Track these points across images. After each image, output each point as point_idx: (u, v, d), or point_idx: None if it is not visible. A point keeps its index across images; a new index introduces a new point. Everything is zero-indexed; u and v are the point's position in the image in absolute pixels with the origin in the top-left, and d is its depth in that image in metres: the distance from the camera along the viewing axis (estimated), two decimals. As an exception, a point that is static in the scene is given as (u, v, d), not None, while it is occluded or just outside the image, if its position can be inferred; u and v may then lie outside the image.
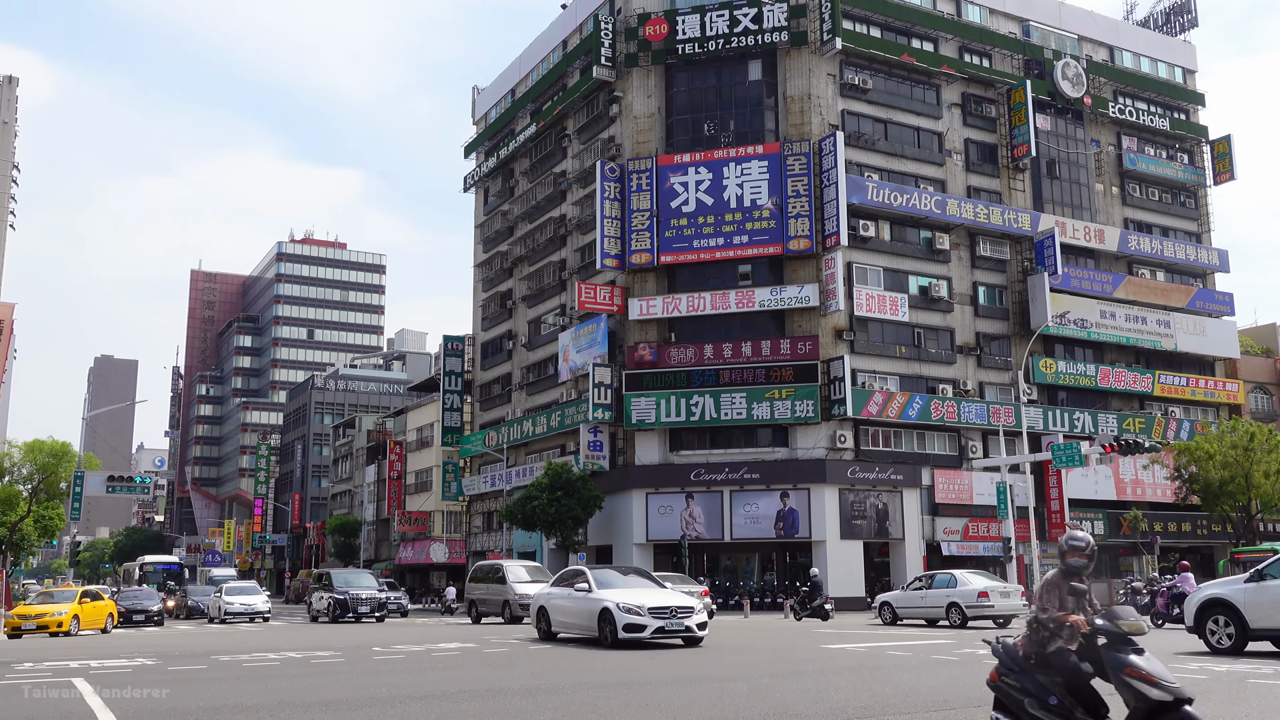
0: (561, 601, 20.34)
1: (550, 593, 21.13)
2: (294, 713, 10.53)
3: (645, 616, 17.95)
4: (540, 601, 21.14)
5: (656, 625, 17.92)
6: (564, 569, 21.17)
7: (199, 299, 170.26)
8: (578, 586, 19.80)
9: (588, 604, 19.22)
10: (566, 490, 46.73)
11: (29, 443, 52.74)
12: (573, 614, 19.85)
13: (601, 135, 54.28)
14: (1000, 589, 27.56)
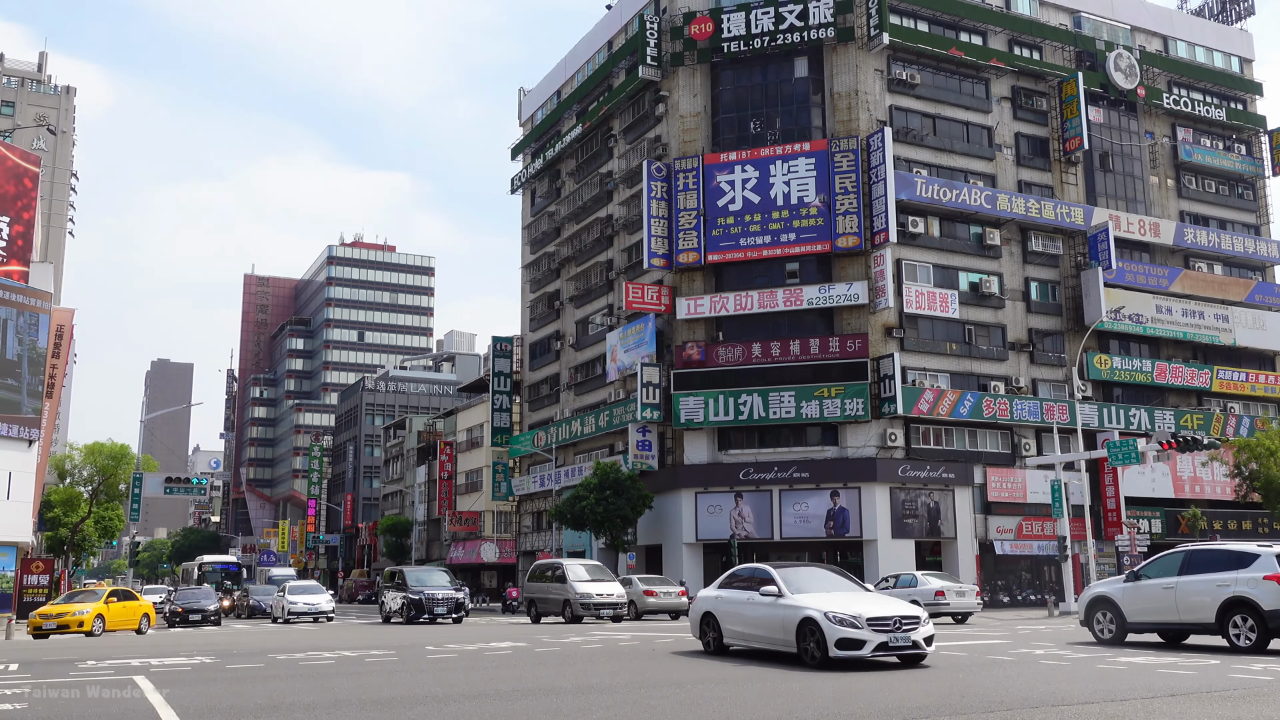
0: (739, 608, 16.36)
1: (720, 596, 17.07)
2: (350, 711, 10.64)
3: (864, 629, 14.08)
4: (706, 606, 17.28)
5: (878, 640, 14.04)
6: (738, 567, 17.32)
7: (252, 303, 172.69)
8: (764, 590, 15.72)
9: (780, 612, 15.24)
10: (615, 490, 46.80)
11: (89, 445, 53.74)
12: (757, 623, 15.86)
13: (647, 135, 54.30)
14: (955, 589, 30.45)
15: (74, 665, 16.79)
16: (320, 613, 37.72)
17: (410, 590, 32.50)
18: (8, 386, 40.47)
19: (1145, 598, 18.01)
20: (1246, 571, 16.76)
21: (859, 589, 16.32)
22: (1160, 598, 17.73)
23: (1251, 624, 16.30)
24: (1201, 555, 17.84)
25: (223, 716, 10.42)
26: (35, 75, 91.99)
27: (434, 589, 32.63)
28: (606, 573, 33.56)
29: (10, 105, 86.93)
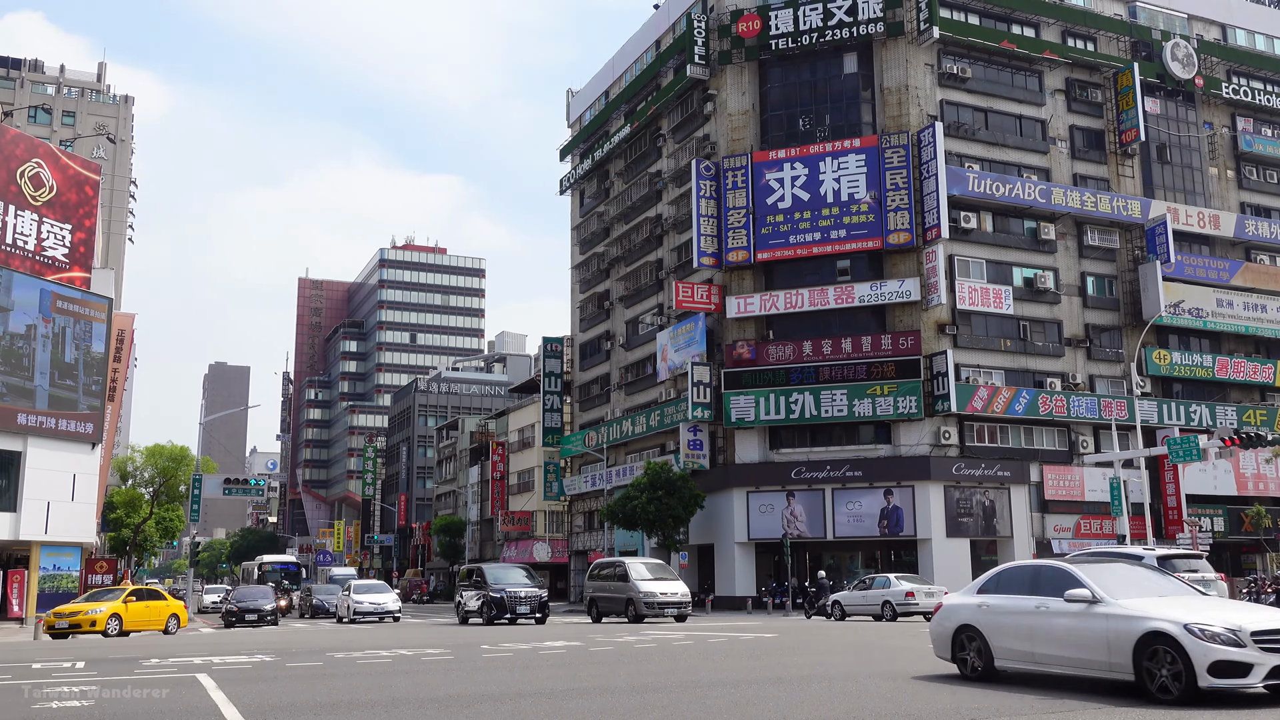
0: (1024, 619, 11.98)
1: (986, 605, 12.63)
2: (408, 709, 10.74)
3: (1249, 648, 9.96)
4: (963, 617, 12.86)
5: (1271, 664, 9.89)
6: (1008, 565, 13.19)
7: (306, 306, 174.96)
8: (1072, 595, 11.41)
9: (1098, 624, 11.05)
10: (667, 489, 46.78)
11: (150, 447, 54.88)
12: (1057, 640, 11.52)
13: (696, 134, 54.23)
14: (925, 590, 31.65)
15: (138, 663, 17.12)
16: (386, 612, 36.85)
17: (490, 588, 30.78)
18: (65, 387, 41.42)
19: None
20: None
21: (1193, 591, 12.08)
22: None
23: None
24: (1102, 558, 17.07)
25: (284, 714, 10.56)
26: (95, 85, 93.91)
27: (515, 586, 30.90)
28: (669, 571, 33.03)
29: (71, 115, 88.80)
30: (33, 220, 41.16)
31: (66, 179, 42.81)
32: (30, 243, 40.98)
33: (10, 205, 40.18)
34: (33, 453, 39.91)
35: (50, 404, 40.55)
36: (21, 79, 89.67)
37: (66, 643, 26.45)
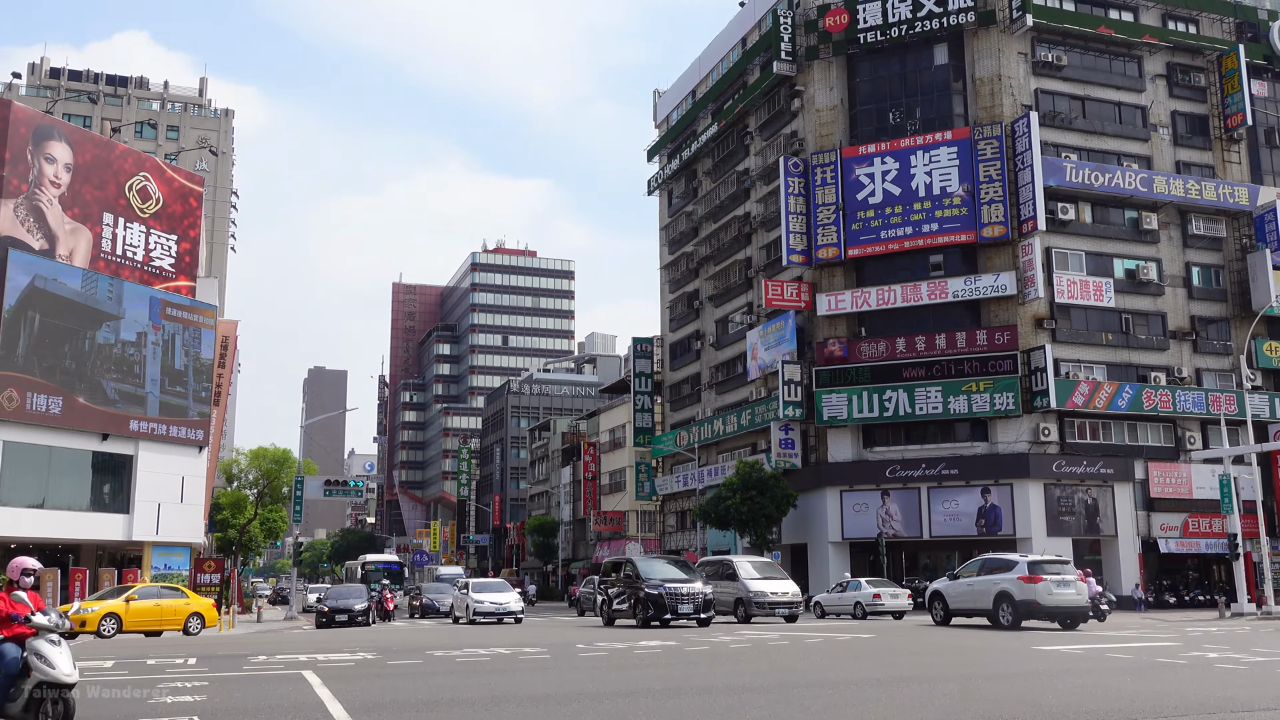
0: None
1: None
2: (508, 707, 10.87)
3: None
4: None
5: None
6: None
7: (400, 310, 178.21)
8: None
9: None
10: (759, 489, 46.55)
11: (254, 450, 56.44)
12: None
13: (784, 131, 53.87)
14: (890, 592, 33.85)
15: (246, 660, 17.64)
16: (508, 613, 34.10)
17: (645, 584, 26.85)
18: (176, 394, 42.82)
19: (959, 592, 25.70)
20: (1010, 574, 24.13)
21: None
22: (966, 592, 25.42)
23: (1011, 609, 23.76)
24: (991, 561, 25.72)
25: (387, 711, 10.77)
26: (196, 100, 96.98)
27: (675, 582, 26.99)
28: (779, 570, 32.39)
29: (175, 130, 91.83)
30: (141, 232, 42.64)
31: (172, 191, 44.25)
32: (139, 254, 42.46)
33: (119, 218, 41.70)
34: (144, 456, 41.37)
35: (161, 410, 41.97)
36: (128, 96, 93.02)
37: (165, 641, 27.30)
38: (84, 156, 40.77)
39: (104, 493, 40.73)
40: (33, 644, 9.34)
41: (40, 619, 9.46)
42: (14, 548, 39.43)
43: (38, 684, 9.22)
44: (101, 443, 39.99)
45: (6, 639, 9.42)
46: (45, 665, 9.22)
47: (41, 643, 9.37)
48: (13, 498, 37.15)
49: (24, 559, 9.96)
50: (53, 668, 9.23)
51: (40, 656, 9.25)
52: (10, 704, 9.25)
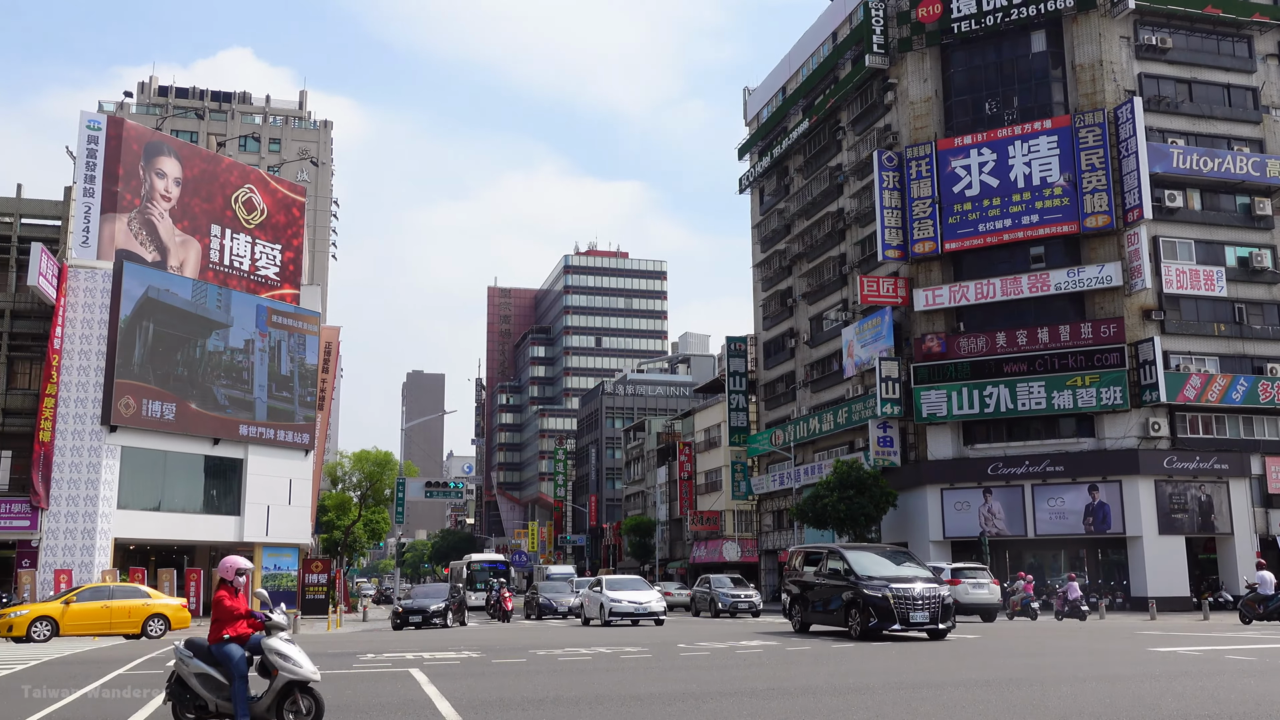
0: None
1: None
2: (612, 706, 10.92)
3: None
4: None
5: None
6: None
7: (496, 313, 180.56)
8: None
9: None
10: (858, 488, 45.99)
11: (357, 453, 57.76)
12: None
13: (877, 124, 53.18)
14: None
15: (355, 658, 18.05)
16: (648, 613, 30.09)
17: (862, 584, 21.07)
18: (282, 399, 44.05)
19: None
20: None
21: None
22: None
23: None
24: None
25: (493, 709, 10.92)
26: (297, 113, 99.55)
27: (902, 582, 21.02)
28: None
29: (277, 142, 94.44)
30: (247, 242, 43.96)
31: (275, 202, 45.52)
32: (245, 263, 43.78)
33: (227, 229, 43.05)
34: (253, 460, 42.66)
35: (268, 414, 43.23)
36: (232, 111, 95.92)
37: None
38: (192, 170, 42.18)
39: (216, 495, 42.08)
40: (270, 643, 9.33)
41: (278, 617, 9.48)
42: (133, 548, 41.02)
43: (287, 683, 9.24)
44: (213, 447, 41.34)
45: (231, 639, 9.44)
46: (291, 665, 9.24)
47: (278, 641, 9.36)
48: (132, 501, 38.62)
49: (236, 558, 9.89)
50: (299, 666, 9.27)
51: (283, 656, 9.26)
52: (256, 703, 9.31)
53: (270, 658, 9.30)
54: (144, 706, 11.84)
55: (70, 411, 37.45)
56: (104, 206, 38.97)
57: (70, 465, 37.23)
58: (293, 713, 9.32)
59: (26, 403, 37.59)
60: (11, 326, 37.98)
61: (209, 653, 9.49)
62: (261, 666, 9.46)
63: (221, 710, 9.38)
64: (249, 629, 9.56)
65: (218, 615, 9.53)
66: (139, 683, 14.30)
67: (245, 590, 9.87)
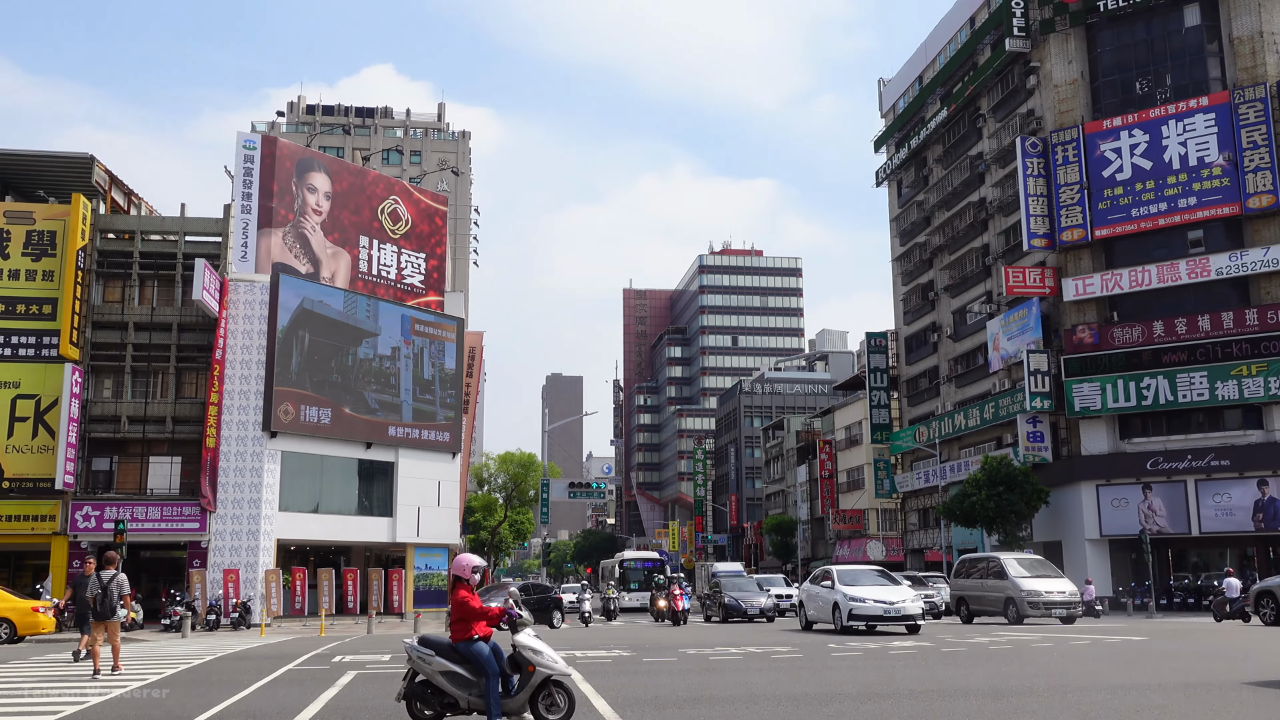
0: None
1: None
2: (768, 706, 10.86)
3: None
4: None
5: None
6: None
7: (631, 315, 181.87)
8: None
9: None
10: (1007, 484, 44.66)
11: (501, 455, 58.99)
12: None
13: (1019, 110, 51.59)
14: None
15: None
16: (903, 616, 23.78)
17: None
18: (425, 401, 45.29)
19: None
20: None
21: None
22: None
23: None
24: None
25: (648, 708, 10.99)
26: (436, 124, 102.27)
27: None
28: (1051, 567, 29.61)
29: (417, 154, 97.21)
30: (393, 252, 45.36)
31: (419, 212, 46.84)
32: (391, 272, 45.17)
33: (374, 240, 44.51)
34: (403, 463, 43.98)
35: (414, 417, 44.51)
36: (375, 125, 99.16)
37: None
38: (341, 184, 43.75)
39: (369, 497, 43.52)
40: (521, 640, 9.45)
41: (526, 614, 9.57)
42: (293, 549, 42.76)
43: (544, 679, 9.37)
44: (365, 451, 42.77)
45: (478, 638, 9.49)
46: (546, 660, 9.36)
47: (528, 638, 9.48)
48: (292, 503, 40.26)
49: (471, 556, 9.92)
50: (555, 662, 9.40)
51: (535, 651, 9.37)
52: (509, 700, 9.40)
53: (524, 653, 9.40)
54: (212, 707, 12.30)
55: (234, 419, 39.27)
56: (260, 222, 40.75)
57: (235, 470, 39.03)
58: (546, 707, 9.39)
59: (194, 411, 39.58)
60: (179, 339, 40.04)
61: (454, 650, 9.54)
62: (512, 661, 9.55)
63: (473, 707, 9.45)
64: (489, 628, 9.62)
65: (462, 614, 9.54)
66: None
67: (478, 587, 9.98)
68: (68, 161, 41.17)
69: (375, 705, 11.65)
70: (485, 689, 9.30)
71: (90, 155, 40.83)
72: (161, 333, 39.97)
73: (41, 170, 41.65)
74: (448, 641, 9.66)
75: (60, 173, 41.32)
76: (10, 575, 39.68)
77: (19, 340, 38.11)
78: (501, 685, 9.41)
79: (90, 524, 37.65)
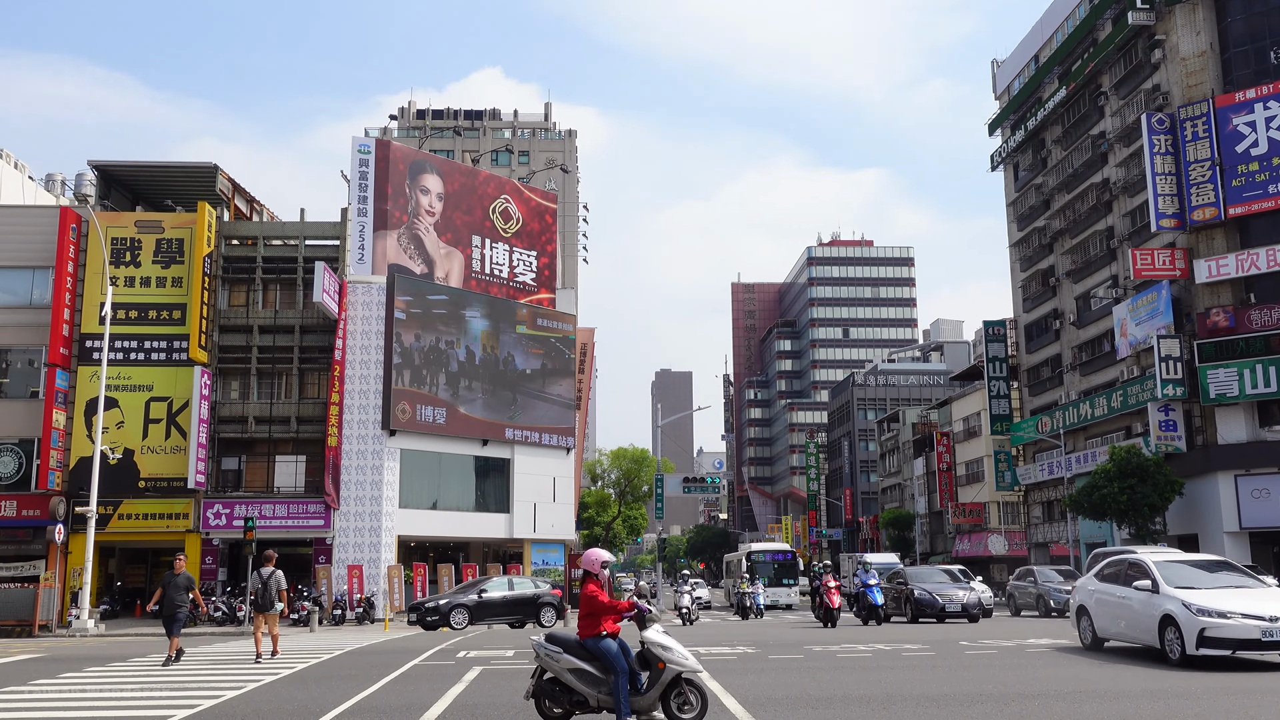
0: None
1: None
2: (906, 706, 10.46)
3: None
4: None
5: None
6: None
7: (740, 309, 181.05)
8: None
9: None
10: (1139, 475, 42.88)
11: (614, 451, 59.11)
12: None
13: (1143, 86, 49.52)
14: None
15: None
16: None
17: None
18: (539, 397, 45.64)
19: None
20: None
21: None
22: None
23: None
24: None
25: (781, 707, 10.69)
26: (543, 124, 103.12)
27: None
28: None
29: (525, 154, 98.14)
30: (505, 250, 45.79)
31: (529, 210, 47.19)
32: (504, 271, 45.61)
33: (486, 239, 44.99)
34: (519, 459, 44.39)
35: (529, 414, 44.87)
36: (483, 128, 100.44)
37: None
38: (453, 185, 44.33)
39: (485, 494, 44.03)
40: (650, 636, 9.25)
41: (655, 609, 9.49)
42: (413, 545, 43.51)
43: (675, 677, 9.17)
44: (482, 448, 43.29)
45: (606, 635, 9.31)
46: (677, 657, 9.14)
47: (657, 634, 9.27)
48: (411, 500, 40.97)
49: (599, 551, 9.81)
50: (685, 659, 9.18)
51: (665, 649, 9.17)
52: (639, 698, 9.20)
53: (654, 650, 9.19)
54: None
55: (354, 417, 40.13)
56: (376, 224, 41.54)
57: (356, 468, 39.89)
58: (679, 706, 9.17)
59: (316, 411, 40.55)
60: (300, 341, 41.06)
61: (581, 647, 9.37)
62: (640, 658, 9.36)
63: (603, 705, 9.28)
64: (616, 624, 9.44)
65: (591, 609, 9.36)
66: None
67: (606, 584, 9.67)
68: (193, 171, 42.60)
69: (502, 702, 11.60)
70: (614, 686, 9.11)
71: (214, 164, 42.15)
72: (284, 335, 41.05)
73: (169, 181, 43.19)
74: (575, 638, 9.50)
75: (186, 182, 42.79)
76: (148, 571, 41.29)
77: (151, 345, 39.55)
78: (630, 683, 9.21)
79: (221, 521, 38.88)
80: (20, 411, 38.63)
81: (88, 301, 39.11)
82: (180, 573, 17.09)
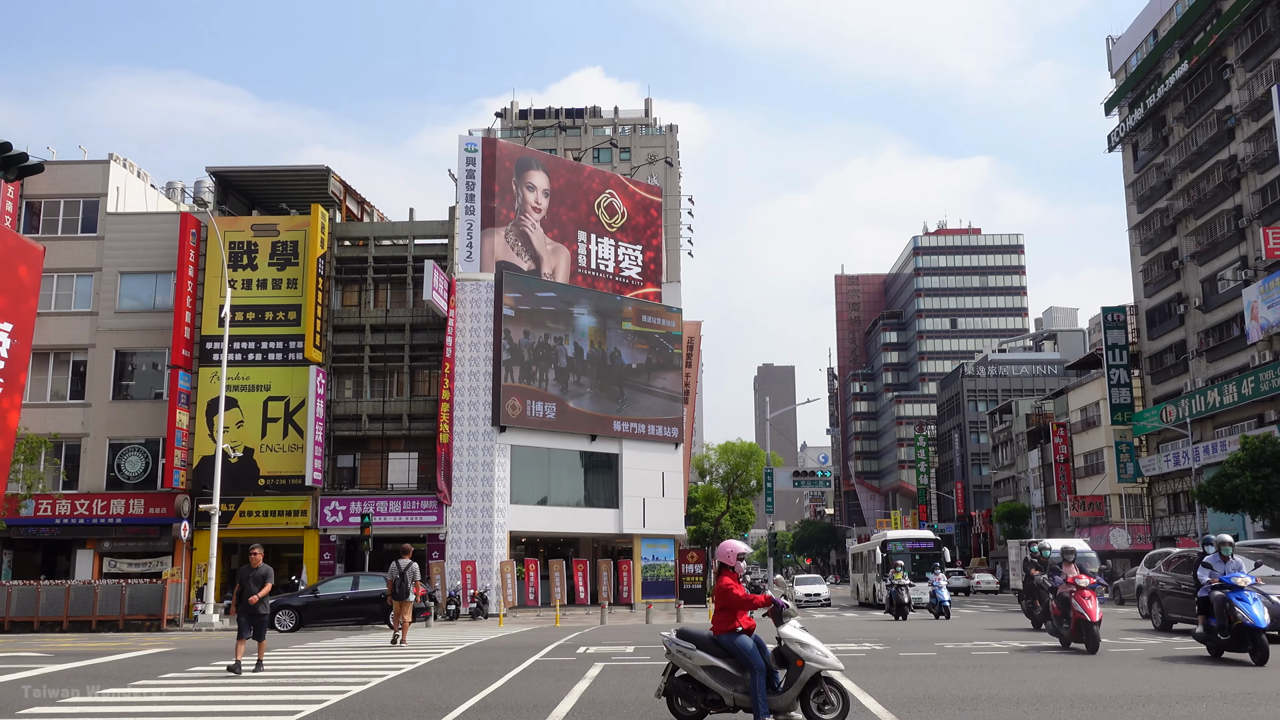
0: None
1: None
2: (1058, 708, 9.88)
3: None
4: None
5: None
6: None
7: (844, 301, 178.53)
8: None
9: None
10: (1275, 466, 40.81)
11: (722, 445, 58.66)
12: None
13: (1273, 57, 47.16)
14: None
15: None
16: None
17: None
18: (646, 391, 45.33)
19: None
20: None
21: None
22: None
23: None
24: None
25: (924, 707, 10.21)
26: (644, 121, 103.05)
27: None
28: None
29: (626, 151, 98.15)
30: (610, 245, 45.69)
31: (634, 204, 47.01)
32: (609, 265, 45.51)
33: (591, 234, 44.95)
34: (627, 455, 44.23)
35: (637, 409, 44.67)
36: (584, 125, 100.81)
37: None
38: (558, 181, 44.39)
39: (594, 489, 43.99)
40: (787, 633, 8.91)
41: (791, 604, 9.00)
42: (524, 541, 43.72)
43: (814, 676, 8.82)
44: (590, 443, 43.24)
45: (741, 630, 8.93)
46: (816, 654, 8.81)
47: (795, 630, 8.95)
48: (521, 495, 41.15)
49: (735, 543, 9.36)
50: (825, 657, 8.85)
51: (804, 645, 8.85)
52: (777, 697, 8.84)
53: (791, 646, 8.83)
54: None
55: (465, 414, 40.46)
56: (483, 222, 41.82)
57: (468, 464, 40.21)
58: (819, 705, 8.79)
59: (427, 408, 40.99)
60: (411, 339, 41.56)
61: (715, 643, 8.99)
62: (777, 655, 9.00)
63: (739, 704, 8.89)
64: (752, 619, 9.05)
65: (726, 603, 8.94)
66: None
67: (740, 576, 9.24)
68: (306, 174, 43.48)
69: (630, 699, 11.32)
70: (751, 685, 8.70)
71: (326, 167, 42.93)
72: (395, 333, 41.61)
73: (282, 184, 44.17)
74: (709, 634, 9.13)
75: (299, 185, 43.69)
76: (269, 567, 42.22)
77: (268, 345, 40.45)
78: (767, 681, 8.81)
79: (338, 518, 39.57)
80: (145, 413, 39.91)
81: (207, 304, 40.20)
82: (258, 566, 16.30)
